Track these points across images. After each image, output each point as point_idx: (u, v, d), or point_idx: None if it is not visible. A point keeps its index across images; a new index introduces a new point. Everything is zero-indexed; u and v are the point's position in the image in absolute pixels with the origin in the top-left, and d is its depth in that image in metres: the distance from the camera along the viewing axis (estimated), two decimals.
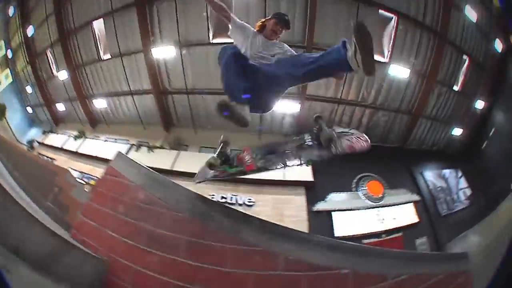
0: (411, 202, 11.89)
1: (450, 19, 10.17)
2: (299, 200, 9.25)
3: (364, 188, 11.20)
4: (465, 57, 11.60)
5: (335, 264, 1.62)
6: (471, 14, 10.27)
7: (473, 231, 11.47)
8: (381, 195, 11.37)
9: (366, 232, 10.28)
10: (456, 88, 13.26)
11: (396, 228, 10.96)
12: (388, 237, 10.70)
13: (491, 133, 14.06)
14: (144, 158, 8.46)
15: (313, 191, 9.81)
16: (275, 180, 8.65)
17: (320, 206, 9.69)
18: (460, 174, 17.01)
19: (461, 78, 13.24)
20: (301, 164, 3.28)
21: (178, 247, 1.87)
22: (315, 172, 9.70)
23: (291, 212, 8.81)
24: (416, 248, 10.41)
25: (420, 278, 2.16)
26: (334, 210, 10.00)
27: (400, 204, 11.74)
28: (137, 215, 2.18)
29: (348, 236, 9.67)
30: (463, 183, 16.83)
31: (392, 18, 9.88)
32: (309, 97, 10.30)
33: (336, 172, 10.60)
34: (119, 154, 3.35)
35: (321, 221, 9.49)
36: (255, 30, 2.83)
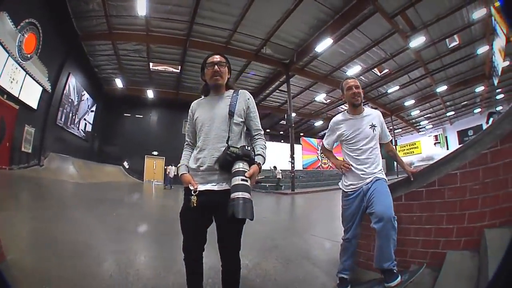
0: (42, 86, 11.83)
1: None
2: None
3: (24, 36, 10.04)
4: None
5: None
6: None
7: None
8: (29, 55, 10.56)
9: None
10: None
11: (17, 98, 10.13)
12: (7, 101, 9.76)
13: None
14: None
15: None
16: None
17: None
18: (94, 108, 18.88)
19: None
20: None
21: None
22: None
23: None
24: None
25: None
26: None
27: (34, 79, 11.22)
28: None
29: None
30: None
31: None
32: None
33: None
34: None
35: None
36: None
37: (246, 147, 1.72)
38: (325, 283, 2.53)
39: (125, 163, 21.43)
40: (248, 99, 1.88)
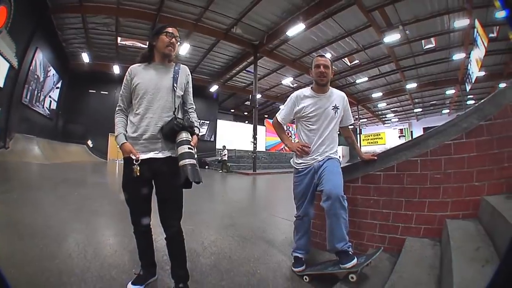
0: (9, 62, 11.11)
1: None
2: None
3: None
4: None
5: None
6: None
7: None
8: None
9: None
10: None
11: None
12: None
13: None
14: None
15: None
16: None
17: None
18: (59, 85, 18.04)
19: None
20: None
21: None
22: None
23: None
24: None
25: None
26: None
27: (2, 55, 10.61)
28: None
29: None
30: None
31: None
32: None
33: None
34: None
35: None
36: None
37: (191, 119, 1.88)
38: (280, 262, 2.55)
39: (89, 142, 20.58)
40: (188, 75, 2.00)
